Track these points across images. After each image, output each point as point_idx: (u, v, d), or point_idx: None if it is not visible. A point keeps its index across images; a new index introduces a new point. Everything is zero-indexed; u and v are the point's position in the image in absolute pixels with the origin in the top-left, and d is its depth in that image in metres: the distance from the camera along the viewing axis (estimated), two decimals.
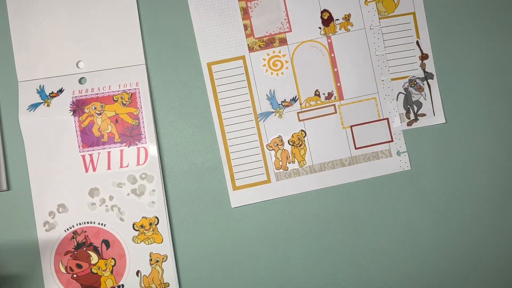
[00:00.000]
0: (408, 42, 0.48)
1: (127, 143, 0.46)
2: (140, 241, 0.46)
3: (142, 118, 0.46)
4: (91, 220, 0.45)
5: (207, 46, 0.47)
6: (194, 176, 0.47)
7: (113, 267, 0.46)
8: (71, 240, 0.45)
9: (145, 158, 0.46)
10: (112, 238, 0.45)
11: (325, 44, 0.48)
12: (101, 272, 0.45)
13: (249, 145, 0.47)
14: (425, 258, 0.48)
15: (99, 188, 0.45)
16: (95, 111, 0.46)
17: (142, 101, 0.46)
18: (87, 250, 0.45)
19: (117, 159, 0.46)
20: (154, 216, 0.46)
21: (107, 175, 0.46)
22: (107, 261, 0.45)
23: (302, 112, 0.47)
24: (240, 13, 0.47)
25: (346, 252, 0.47)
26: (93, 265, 0.45)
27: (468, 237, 0.48)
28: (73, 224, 0.45)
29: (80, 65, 0.46)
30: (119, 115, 0.46)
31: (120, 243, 0.46)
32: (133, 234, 0.46)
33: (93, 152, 0.46)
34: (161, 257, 0.46)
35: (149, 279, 0.46)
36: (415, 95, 0.48)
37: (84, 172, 0.45)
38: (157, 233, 0.46)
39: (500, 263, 0.48)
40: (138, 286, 0.46)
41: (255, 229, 0.47)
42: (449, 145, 0.48)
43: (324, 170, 0.47)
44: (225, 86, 0.47)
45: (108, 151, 0.46)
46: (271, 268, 0.47)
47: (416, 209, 0.48)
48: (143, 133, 0.46)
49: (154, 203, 0.46)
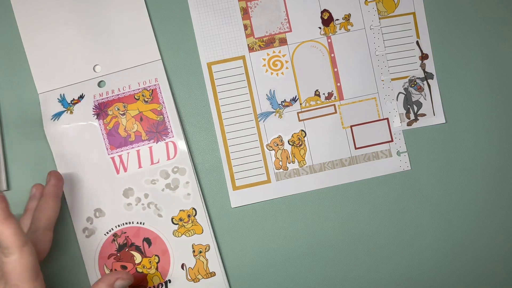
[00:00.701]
0: (408, 42, 0.48)
1: (155, 140, 0.46)
2: (180, 234, 0.46)
3: (166, 113, 0.46)
4: (130, 221, 0.45)
5: (207, 46, 0.47)
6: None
7: (157, 264, 0.46)
8: (112, 243, 0.45)
9: (174, 152, 0.46)
10: (153, 235, 0.45)
11: (325, 44, 0.48)
12: (146, 270, 0.45)
13: (249, 145, 0.47)
14: (425, 258, 0.48)
15: (133, 187, 0.45)
16: (118, 112, 0.46)
17: (164, 96, 0.46)
18: (130, 250, 0.45)
19: (147, 156, 0.46)
20: (191, 207, 0.46)
21: (139, 173, 0.45)
22: (151, 259, 0.45)
23: (302, 112, 0.47)
24: (240, 13, 0.47)
25: (346, 252, 0.47)
26: (138, 264, 0.45)
27: (468, 237, 0.48)
28: (112, 227, 0.45)
29: (97, 69, 0.46)
30: (142, 113, 0.46)
31: (162, 239, 0.45)
32: (173, 228, 0.46)
33: (122, 152, 0.45)
34: (203, 247, 0.46)
35: (195, 270, 0.46)
36: (415, 95, 0.48)
37: (116, 174, 0.45)
38: (196, 224, 0.46)
39: (500, 263, 0.48)
40: (184, 279, 0.46)
41: (255, 229, 0.47)
42: (449, 145, 0.48)
43: (324, 170, 0.47)
44: (225, 86, 0.47)
45: (137, 150, 0.46)
46: (271, 268, 0.47)
47: (416, 209, 0.48)
48: (169, 127, 0.46)
49: (189, 195, 0.46)
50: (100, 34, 0.46)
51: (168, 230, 0.45)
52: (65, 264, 0.46)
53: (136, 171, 0.45)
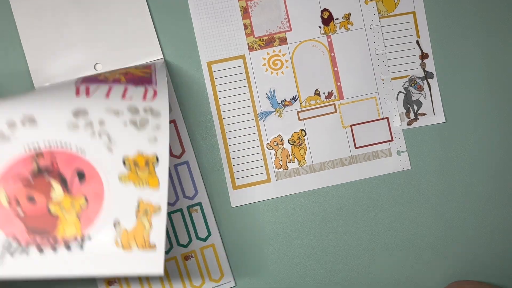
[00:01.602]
0: (408, 41, 0.48)
1: (134, 84, 0.37)
2: (129, 181, 0.34)
3: (155, 73, 0.39)
4: (67, 142, 0.34)
5: (207, 46, 0.47)
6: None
7: (81, 208, 0.34)
8: (30, 163, 0.34)
9: (153, 95, 0.37)
10: (91, 170, 0.34)
11: (325, 43, 0.48)
12: (62, 213, 0.33)
13: (249, 145, 0.47)
14: (425, 258, 0.48)
15: (88, 110, 0.35)
16: (104, 73, 0.40)
17: (157, 69, 0.40)
18: (51, 178, 0.34)
19: (119, 91, 0.36)
20: (154, 154, 0.35)
21: (103, 101, 0.36)
22: (75, 200, 0.34)
23: (302, 111, 0.47)
24: (240, 12, 0.47)
25: (346, 252, 0.47)
26: (53, 201, 0.34)
27: (468, 237, 0.48)
28: (39, 141, 0.34)
29: (97, 67, 0.45)
30: (130, 71, 0.39)
31: (101, 178, 0.34)
32: (121, 171, 0.34)
33: (91, 85, 0.37)
34: (152, 207, 0.34)
35: (130, 235, 0.34)
36: (415, 94, 0.48)
37: (74, 95, 0.35)
38: (153, 176, 0.35)
39: (500, 263, 0.48)
40: (112, 242, 0.33)
41: (255, 228, 0.47)
42: (449, 145, 0.48)
43: (324, 169, 0.47)
44: (225, 85, 0.47)
45: (109, 86, 0.37)
46: (271, 267, 0.47)
47: (416, 209, 0.48)
48: (154, 80, 0.38)
49: (156, 140, 0.35)
50: (101, 32, 0.46)
51: (114, 171, 0.34)
52: None
53: (100, 99, 0.36)
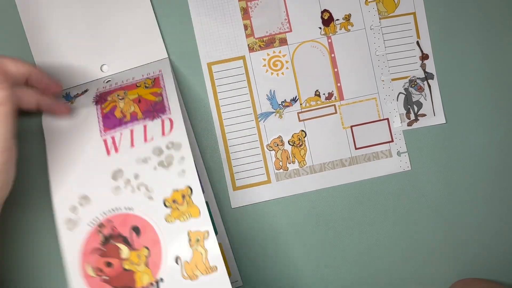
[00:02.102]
0: (409, 42, 0.48)
1: (150, 117, 0.40)
2: (174, 219, 0.38)
3: (166, 93, 0.41)
4: (117, 207, 0.39)
5: (207, 46, 0.47)
6: None
7: (147, 258, 0.38)
8: (97, 235, 0.38)
9: (170, 127, 0.40)
10: (142, 222, 0.38)
11: (325, 44, 0.47)
12: (134, 267, 0.38)
13: (249, 145, 0.47)
14: (425, 258, 0.48)
15: (123, 168, 0.39)
16: (118, 97, 0.42)
17: (166, 80, 0.42)
18: (116, 242, 0.38)
19: (141, 134, 0.40)
20: (187, 186, 0.38)
21: (131, 153, 0.40)
22: (139, 252, 0.38)
23: (302, 112, 0.47)
24: (240, 13, 0.47)
25: (346, 252, 0.47)
26: (124, 259, 0.38)
27: (468, 237, 0.48)
28: (97, 215, 0.39)
29: (104, 68, 0.46)
30: (142, 96, 0.42)
31: (152, 226, 0.38)
32: (165, 213, 0.38)
33: (115, 133, 0.40)
34: (201, 234, 0.38)
35: (192, 265, 0.37)
36: (416, 95, 0.48)
37: (106, 155, 0.40)
38: (192, 206, 0.38)
39: (500, 263, 0.48)
40: (179, 276, 0.37)
41: (255, 229, 0.47)
42: (449, 145, 0.48)
43: (324, 170, 0.47)
44: (225, 86, 0.47)
45: (131, 129, 0.40)
46: (271, 268, 0.47)
47: (416, 209, 0.48)
48: (167, 106, 0.41)
49: (184, 172, 0.39)
50: (107, 34, 0.46)
51: (160, 215, 0.38)
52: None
53: (128, 151, 0.40)
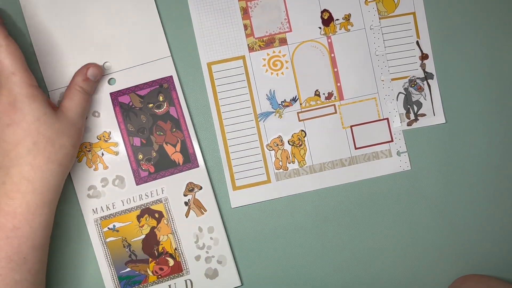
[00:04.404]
0: (408, 42, 0.48)
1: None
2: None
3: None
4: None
5: (207, 46, 0.47)
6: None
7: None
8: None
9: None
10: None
11: (325, 44, 0.48)
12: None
13: (249, 145, 0.47)
14: (425, 258, 0.48)
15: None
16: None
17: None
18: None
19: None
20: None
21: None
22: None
23: (302, 112, 0.47)
24: (240, 13, 0.47)
25: (346, 252, 0.47)
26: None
27: (469, 237, 0.48)
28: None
29: (106, 66, 0.46)
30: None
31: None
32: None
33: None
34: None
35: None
36: (415, 95, 0.48)
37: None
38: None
39: (500, 263, 0.48)
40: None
41: (255, 229, 0.47)
42: (449, 145, 0.48)
43: (324, 170, 0.47)
44: (225, 86, 0.47)
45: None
46: (271, 268, 0.47)
47: (416, 209, 0.48)
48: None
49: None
50: (110, 31, 0.46)
51: None
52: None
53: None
